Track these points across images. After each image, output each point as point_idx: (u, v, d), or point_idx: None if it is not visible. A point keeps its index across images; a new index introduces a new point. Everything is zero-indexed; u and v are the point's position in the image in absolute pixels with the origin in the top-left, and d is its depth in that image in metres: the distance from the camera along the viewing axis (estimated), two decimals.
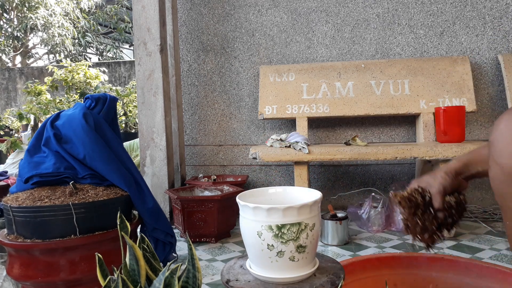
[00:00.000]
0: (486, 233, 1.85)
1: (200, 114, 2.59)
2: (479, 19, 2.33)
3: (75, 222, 1.14)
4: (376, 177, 2.46)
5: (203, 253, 1.69)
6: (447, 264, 1.06)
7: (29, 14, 9.23)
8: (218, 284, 1.35)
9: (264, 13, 2.50)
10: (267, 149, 1.89)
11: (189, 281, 0.68)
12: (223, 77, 2.56)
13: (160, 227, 1.44)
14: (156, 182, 2.15)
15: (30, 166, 1.28)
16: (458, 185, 0.82)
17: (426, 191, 0.82)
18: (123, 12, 11.09)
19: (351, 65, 2.34)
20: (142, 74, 2.15)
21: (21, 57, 10.52)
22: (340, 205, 2.44)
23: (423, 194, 0.82)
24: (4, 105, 8.01)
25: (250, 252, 0.80)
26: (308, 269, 0.78)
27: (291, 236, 0.74)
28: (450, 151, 1.71)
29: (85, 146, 1.29)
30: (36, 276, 1.11)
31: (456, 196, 0.83)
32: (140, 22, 2.14)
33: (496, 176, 0.63)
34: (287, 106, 2.30)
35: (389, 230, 1.95)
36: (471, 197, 2.37)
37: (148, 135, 2.16)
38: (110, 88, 4.75)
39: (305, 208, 0.75)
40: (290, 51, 2.50)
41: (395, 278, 1.06)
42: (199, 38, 2.56)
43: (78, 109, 1.37)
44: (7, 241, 1.14)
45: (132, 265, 0.67)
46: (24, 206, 1.13)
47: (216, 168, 2.59)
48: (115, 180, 1.30)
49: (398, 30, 2.41)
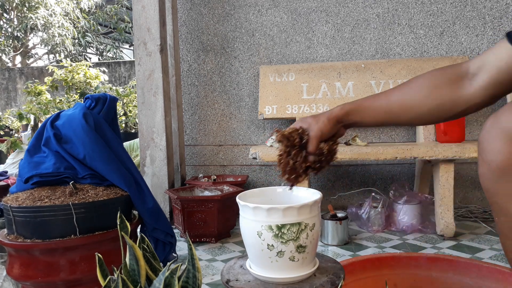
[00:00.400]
0: (486, 233, 1.85)
1: (200, 114, 2.59)
2: (479, 19, 2.33)
3: (75, 222, 1.14)
4: (376, 177, 2.46)
5: (203, 253, 1.69)
6: (447, 264, 1.06)
7: (29, 14, 9.23)
8: (218, 284, 1.35)
9: (264, 13, 2.50)
10: (267, 149, 1.89)
11: (189, 281, 0.68)
12: (223, 77, 2.56)
13: (160, 227, 1.44)
14: (156, 182, 2.15)
15: (30, 166, 1.28)
16: (337, 131, 0.84)
17: (305, 133, 0.84)
18: (123, 12, 11.09)
19: (351, 65, 2.34)
20: (142, 74, 2.15)
21: (21, 57, 10.52)
22: (340, 205, 2.44)
23: (302, 136, 0.83)
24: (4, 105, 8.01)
25: (250, 252, 0.80)
26: (308, 269, 0.78)
27: (291, 236, 0.74)
28: (450, 151, 1.71)
29: (85, 146, 1.29)
30: (36, 276, 1.11)
31: (329, 144, 0.85)
32: (140, 22, 2.14)
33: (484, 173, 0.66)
34: (287, 106, 2.30)
35: (389, 230, 1.95)
36: (471, 197, 2.37)
37: (148, 135, 2.16)
38: (110, 88, 4.75)
39: (305, 208, 0.75)
40: (290, 51, 2.50)
41: (395, 278, 1.06)
42: (199, 38, 2.56)
43: (78, 109, 1.37)
44: (7, 241, 1.14)
45: (132, 265, 0.67)
46: (24, 206, 1.13)
47: (216, 168, 2.59)
48: (115, 180, 1.30)
49: (398, 30, 2.41)
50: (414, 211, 1.91)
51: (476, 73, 0.73)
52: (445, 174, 1.77)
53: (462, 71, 0.75)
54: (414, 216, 1.91)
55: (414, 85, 0.80)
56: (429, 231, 1.87)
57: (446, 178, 1.77)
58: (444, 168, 1.77)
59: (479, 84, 0.72)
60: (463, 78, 0.75)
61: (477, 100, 0.73)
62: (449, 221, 1.76)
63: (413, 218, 1.90)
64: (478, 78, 0.72)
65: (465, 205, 2.34)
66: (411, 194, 1.99)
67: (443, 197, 1.77)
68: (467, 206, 2.30)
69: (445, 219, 1.77)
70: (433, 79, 0.78)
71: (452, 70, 0.77)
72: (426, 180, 2.18)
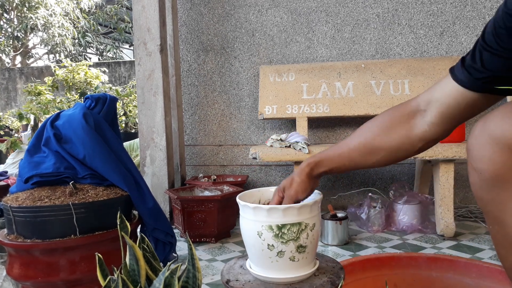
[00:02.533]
0: (486, 233, 1.85)
1: (200, 114, 2.59)
2: (479, 19, 2.33)
3: (75, 222, 1.14)
4: (376, 177, 2.46)
5: (203, 253, 1.69)
6: (447, 264, 1.06)
7: (29, 14, 9.23)
8: (218, 284, 1.35)
9: (264, 13, 2.50)
10: (267, 149, 1.89)
11: (189, 281, 0.68)
12: (223, 77, 2.56)
13: (160, 227, 1.44)
14: (156, 182, 2.15)
15: (30, 166, 1.28)
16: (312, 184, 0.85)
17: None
18: (123, 12, 11.08)
19: (351, 65, 2.34)
20: (142, 74, 2.15)
21: (21, 57, 10.52)
22: (340, 205, 2.44)
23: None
24: (4, 105, 8.01)
25: (250, 252, 0.80)
26: (308, 269, 0.78)
27: (291, 236, 0.74)
28: (450, 151, 1.71)
29: (85, 146, 1.29)
30: (36, 276, 1.11)
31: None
32: (140, 22, 2.14)
33: (474, 181, 0.64)
34: (287, 106, 2.30)
35: (389, 230, 1.95)
36: (471, 197, 2.37)
37: (148, 135, 2.16)
38: (110, 88, 4.75)
39: (306, 208, 0.76)
40: (290, 51, 2.50)
41: (395, 278, 1.06)
42: (199, 38, 2.56)
43: (78, 109, 1.37)
44: (7, 241, 1.14)
45: (132, 265, 0.67)
46: (24, 206, 1.13)
47: (216, 168, 2.59)
48: (115, 180, 1.30)
49: (398, 30, 2.41)
50: (414, 211, 1.91)
51: (426, 110, 0.75)
52: (445, 174, 1.77)
53: (413, 109, 0.77)
54: (414, 216, 1.91)
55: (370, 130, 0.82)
56: (429, 231, 1.87)
57: (446, 178, 1.77)
58: (444, 168, 1.77)
59: (431, 121, 0.74)
60: (415, 115, 0.77)
61: (432, 136, 0.75)
62: (449, 221, 1.76)
63: (413, 218, 1.90)
64: (428, 114, 0.75)
65: (465, 205, 2.34)
66: (411, 194, 1.99)
67: (443, 197, 1.77)
68: (467, 206, 2.30)
69: (445, 219, 1.77)
70: (388, 120, 0.80)
71: (405, 108, 0.79)
72: (426, 180, 2.18)
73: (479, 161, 0.62)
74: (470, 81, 0.67)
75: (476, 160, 0.62)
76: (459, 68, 0.69)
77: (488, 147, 0.60)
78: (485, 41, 0.63)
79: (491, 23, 0.62)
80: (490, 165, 0.60)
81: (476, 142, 0.62)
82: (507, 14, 0.58)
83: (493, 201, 0.62)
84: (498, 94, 0.66)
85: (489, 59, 0.63)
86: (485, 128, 0.61)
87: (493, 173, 0.60)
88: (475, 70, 0.65)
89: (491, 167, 0.60)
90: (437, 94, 0.73)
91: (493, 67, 0.63)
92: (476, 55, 0.65)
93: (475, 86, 0.67)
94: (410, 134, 0.77)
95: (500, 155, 0.58)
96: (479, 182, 0.63)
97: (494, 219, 0.63)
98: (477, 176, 0.63)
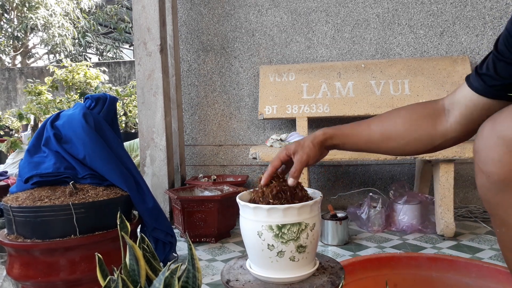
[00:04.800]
0: (486, 233, 1.85)
1: (200, 114, 2.59)
2: (479, 19, 2.33)
3: (75, 222, 1.14)
4: (376, 177, 2.46)
5: (203, 253, 1.69)
6: (447, 264, 1.06)
7: (29, 14, 9.23)
8: (218, 284, 1.35)
9: (264, 13, 2.50)
10: (267, 149, 1.89)
11: (189, 281, 0.68)
12: (223, 77, 2.56)
13: (160, 227, 1.44)
14: (156, 182, 2.15)
15: (30, 166, 1.28)
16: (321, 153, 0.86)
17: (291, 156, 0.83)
18: (123, 12, 11.08)
19: (351, 65, 2.34)
20: (142, 74, 2.15)
21: (21, 57, 10.51)
22: (340, 205, 2.44)
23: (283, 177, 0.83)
24: (4, 105, 8.01)
25: (250, 252, 0.80)
26: (308, 269, 0.78)
27: (291, 236, 0.74)
28: (450, 151, 1.71)
29: (85, 146, 1.29)
30: (36, 276, 1.11)
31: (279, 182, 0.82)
32: (140, 22, 2.14)
33: (482, 184, 0.63)
34: (287, 106, 2.30)
35: (389, 230, 1.95)
36: (471, 197, 2.37)
37: (148, 135, 2.16)
38: (110, 88, 4.75)
39: (306, 208, 0.75)
40: (290, 51, 2.50)
41: (395, 278, 1.06)
42: (199, 38, 2.56)
43: (78, 109, 1.37)
44: (7, 241, 1.14)
45: (132, 265, 0.67)
46: (24, 206, 1.13)
47: (216, 168, 2.59)
48: (115, 180, 1.30)
49: (398, 30, 2.41)
50: (414, 211, 1.91)
51: (450, 109, 0.78)
52: (445, 174, 1.77)
53: (439, 107, 0.80)
54: (414, 216, 1.91)
55: (395, 116, 0.84)
56: (429, 231, 1.87)
57: (446, 178, 1.77)
58: (444, 168, 1.77)
59: (454, 120, 0.77)
60: (440, 113, 0.79)
61: (453, 134, 0.77)
62: (449, 221, 1.76)
63: (413, 218, 1.90)
64: (451, 114, 0.77)
65: (465, 205, 2.34)
66: (411, 194, 1.99)
67: (443, 197, 1.77)
68: (467, 206, 2.30)
69: (445, 219, 1.77)
70: (413, 112, 0.82)
71: (431, 105, 0.81)
72: (426, 180, 2.18)
73: (487, 163, 0.61)
74: (484, 88, 0.69)
75: (484, 162, 0.61)
76: (474, 76, 0.72)
77: (497, 149, 0.59)
78: (498, 50, 0.66)
79: (504, 32, 0.64)
80: (499, 167, 0.59)
81: (484, 144, 0.61)
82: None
83: (501, 204, 0.61)
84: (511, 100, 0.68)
85: (502, 67, 0.65)
86: (494, 129, 0.60)
87: (502, 175, 0.59)
88: (489, 77, 0.68)
89: (500, 170, 0.59)
90: (458, 97, 0.76)
91: (507, 74, 0.65)
92: (489, 64, 0.68)
93: (489, 93, 0.69)
94: (433, 129, 0.79)
95: (509, 157, 0.57)
96: (487, 185, 0.62)
97: (502, 222, 0.62)
98: (485, 178, 0.62)
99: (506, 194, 0.59)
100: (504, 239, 0.64)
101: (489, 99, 0.70)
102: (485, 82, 0.69)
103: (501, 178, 0.59)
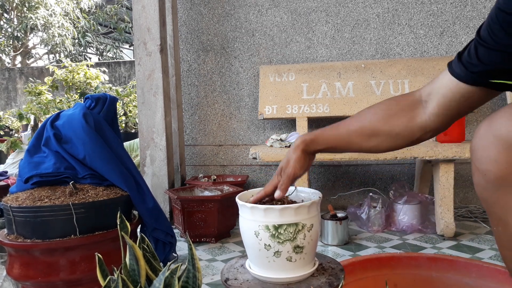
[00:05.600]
0: (486, 233, 1.85)
1: (200, 114, 2.59)
2: (479, 19, 2.33)
3: (75, 222, 1.14)
4: (376, 177, 2.46)
5: (203, 253, 1.69)
6: (447, 264, 1.06)
7: (29, 14, 9.22)
8: (218, 284, 1.35)
9: (264, 13, 2.50)
10: (267, 149, 1.89)
11: (189, 281, 0.68)
12: (223, 77, 2.56)
13: (160, 227, 1.44)
14: (156, 182, 2.15)
15: (30, 166, 1.28)
16: (309, 159, 0.87)
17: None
18: (123, 12, 11.07)
19: (351, 65, 2.34)
20: (142, 74, 2.15)
21: (21, 57, 10.51)
22: (340, 205, 2.44)
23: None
24: (4, 105, 8.00)
25: (248, 252, 0.80)
26: (306, 270, 0.78)
27: (288, 236, 0.74)
28: (450, 151, 1.71)
29: (85, 146, 1.29)
30: (36, 276, 1.11)
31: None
32: (140, 22, 2.14)
33: (479, 182, 0.63)
34: (287, 106, 2.30)
35: (389, 230, 1.95)
36: (471, 197, 2.37)
37: (148, 135, 2.16)
38: (110, 88, 4.75)
39: (303, 208, 0.75)
40: (290, 51, 2.50)
41: (395, 278, 1.06)
42: (199, 38, 2.56)
43: (78, 109, 1.37)
44: (7, 241, 1.14)
45: (132, 265, 0.67)
46: (24, 206, 1.13)
47: (216, 168, 2.59)
48: (115, 180, 1.30)
49: (398, 30, 2.41)
50: (414, 211, 1.91)
51: (427, 100, 0.77)
52: (445, 174, 1.77)
53: (416, 98, 0.79)
54: (414, 216, 1.91)
55: (372, 114, 0.83)
56: (429, 231, 1.87)
57: (446, 178, 1.77)
58: (444, 168, 1.77)
59: (430, 111, 0.76)
60: (417, 105, 0.79)
61: (432, 126, 0.77)
62: (449, 221, 1.76)
63: (413, 218, 1.90)
64: (429, 105, 0.77)
65: (465, 205, 2.34)
66: (411, 194, 1.99)
67: (443, 197, 1.77)
68: (467, 206, 2.30)
69: (445, 219, 1.77)
70: (390, 108, 0.82)
71: (408, 98, 0.81)
72: (426, 180, 2.18)
73: (483, 162, 0.61)
74: (466, 75, 0.69)
75: (481, 161, 0.61)
76: (456, 63, 0.72)
77: (493, 147, 0.59)
78: (480, 36, 0.66)
79: (487, 19, 0.64)
80: (495, 166, 0.59)
81: (480, 143, 0.62)
82: (499, 9, 0.60)
83: (498, 202, 0.61)
84: (492, 88, 0.68)
85: (484, 53, 0.65)
86: (490, 128, 0.60)
87: (498, 174, 0.59)
88: (470, 64, 0.68)
89: (496, 168, 0.59)
90: (436, 86, 0.75)
91: (488, 60, 0.65)
92: (471, 50, 0.68)
93: (470, 79, 0.69)
94: (411, 123, 0.78)
95: (505, 156, 0.58)
96: (484, 183, 0.62)
97: (499, 221, 0.63)
98: (481, 177, 0.62)
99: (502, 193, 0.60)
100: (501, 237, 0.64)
101: (469, 85, 0.69)
102: (466, 68, 0.69)
103: (497, 176, 0.59)
